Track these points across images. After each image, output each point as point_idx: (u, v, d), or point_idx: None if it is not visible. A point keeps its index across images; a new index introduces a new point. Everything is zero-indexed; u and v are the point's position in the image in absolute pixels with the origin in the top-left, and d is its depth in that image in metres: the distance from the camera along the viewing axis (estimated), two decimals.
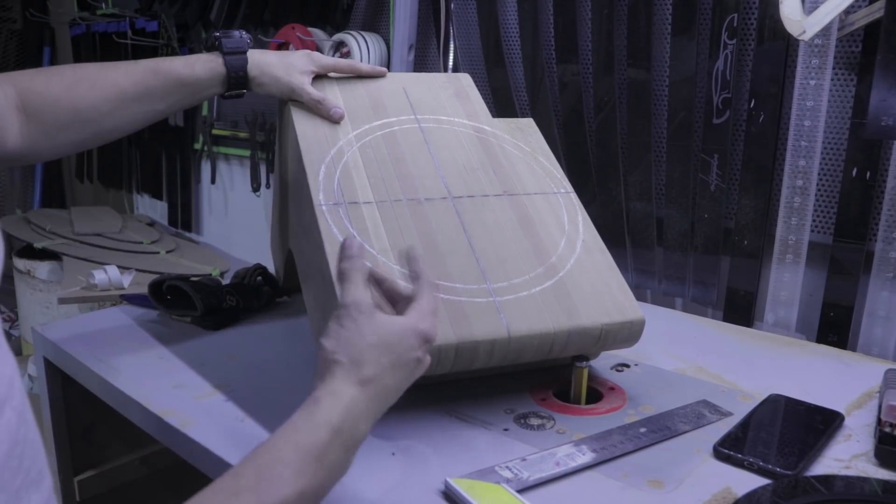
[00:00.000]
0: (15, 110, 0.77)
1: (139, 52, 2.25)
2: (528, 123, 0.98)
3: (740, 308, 1.11)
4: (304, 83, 0.88)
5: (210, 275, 1.28)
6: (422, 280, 0.61)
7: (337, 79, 0.93)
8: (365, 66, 0.95)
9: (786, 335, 1.03)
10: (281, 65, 0.88)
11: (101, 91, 0.80)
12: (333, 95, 0.91)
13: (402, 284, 0.64)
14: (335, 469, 0.51)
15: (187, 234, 2.29)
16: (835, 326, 1.02)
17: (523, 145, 0.93)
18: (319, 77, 0.92)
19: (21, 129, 0.77)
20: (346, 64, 0.94)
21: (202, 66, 0.85)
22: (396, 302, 0.63)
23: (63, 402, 0.98)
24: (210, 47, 0.87)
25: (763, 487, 0.62)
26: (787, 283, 1.06)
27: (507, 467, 0.64)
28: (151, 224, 2.32)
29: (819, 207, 1.04)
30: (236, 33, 0.87)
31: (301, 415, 0.52)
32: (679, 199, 1.15)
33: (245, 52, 0.87)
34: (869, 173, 0.97)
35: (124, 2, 2.28)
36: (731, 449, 0.67)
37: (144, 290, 1.00)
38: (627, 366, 0.87)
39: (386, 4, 1.55)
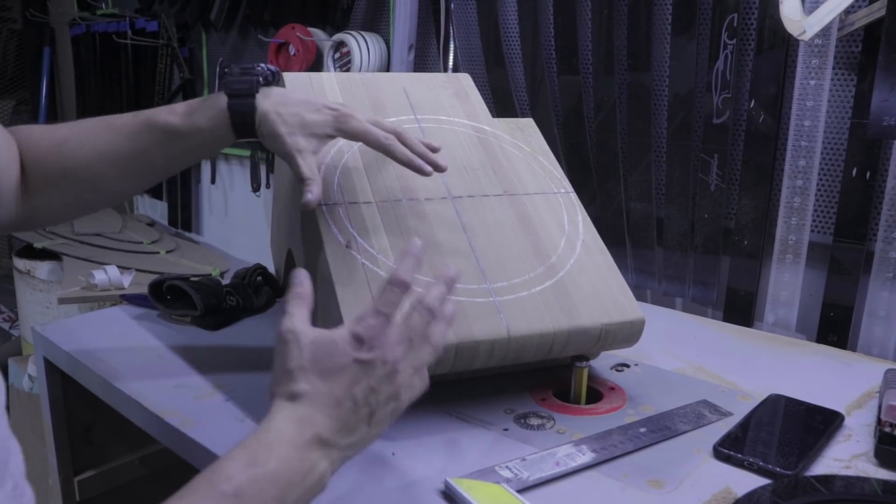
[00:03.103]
0: (17, 165, 0.72)
1: (139, 52, 2.25)
2: (528, 123, 0.98)
3: (740, 308, 1.11)
4: (303, 149, 0.72)
5: (210, 275, 1.28)
6: (383, 283, 0.59)
7: (337, 78, 0.93)
8: (400, 149, 0.75)
9: (786, 335, 1.03)
10: (289, 119, 0.73)
11: (91, 148, 0.72)
12: (333, 95, 0.91)
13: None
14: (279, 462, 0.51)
15: (187, 234, 2.29)
16: (835, 326, 1.02)
17: (523, 145, 0.93)
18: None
19: (21, 186, 0.72)
20: (378, 137, 0.75)
21: (203, 114, 0.72)
22: None
23: (63, 402, 0.98)
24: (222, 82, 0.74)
25: (763, 487, 0.62)
26: (787, 283, 1.06)
27: (507, 467, 0.64)
28: (151, 224, 2.32)
29: (819, 207, 1.04)
30: (252, 68, 0.74)
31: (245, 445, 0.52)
32: (679, 199, 1.15)
33: (253, 95, 0.72)
34: (869, 173, 0.97)
35: (124, 2, 2.28)
36: (731, 449, 0.67)
37: (144, 290, 1.00)
38: (627, 366, 0.87)
39: (386, 4, 1.55)
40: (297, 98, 0.74)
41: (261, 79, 0.73)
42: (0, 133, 0.70)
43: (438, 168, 0.77)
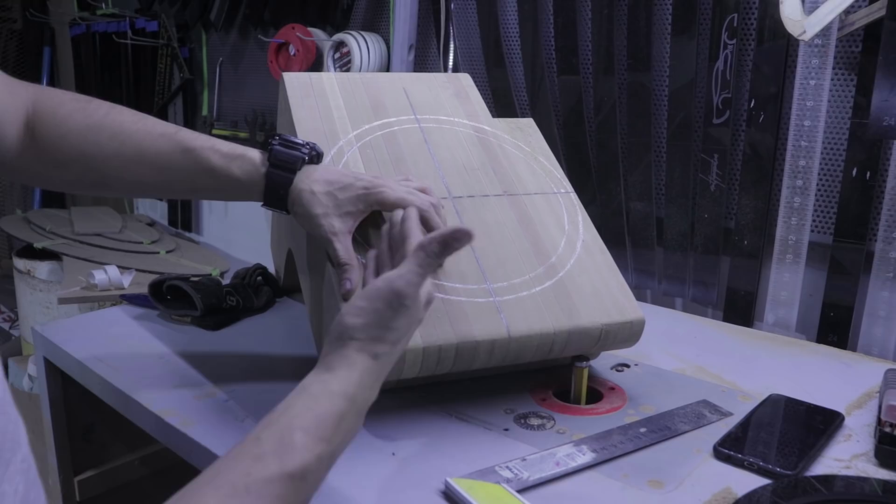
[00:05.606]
0: (21, 118, 0.71)
1: (139, 52, 2.25)
2: (528, 123, 0.98)
3: (740, 308, 1.11)
4: (339, 232, 0.71)
5: (210, 275, 1.28)
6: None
7: (337, 78, 0.94)
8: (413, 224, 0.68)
9: (786, 335, 1.03)
10: (323, 199, 0.72)
11: (119, 145, 0.72)
12: (333, 95, 0.91)
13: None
14: (349, 434, 0.53)
15: (187, 234, 2.29)
16: (835, 326, 1.02)
17: (523, 145, 0.93)
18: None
19: (22, 142, 0.72)
20: (423, 202, 0.72)
21: (241, 165, 0.73)
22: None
23: (63, 402, 0.98)
24: (264, 146, 0.74)
25: (763, 487, 0.62)
26: (787, 283, 1.06)
27: (507, 467, 0.64)
28: (151, 224, 2.32)
29: (819, 207, 1.04)
30: (300, 143, 0.75)
31: (317, 382, 0.54)
32: (679, 199, 1.15)
33: (294, 171, 0.73)
34: (869, 173, 0.97)
35: (124, 2, 2.28)
36: (731, 449, 0.67)
37: (144, 290, 1.00)
38: (627, 366, 0.87)
39: (386, 4, 1.55)
40: (329, 176, 0.73)
41: (306, 157, 0.74)
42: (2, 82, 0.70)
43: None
